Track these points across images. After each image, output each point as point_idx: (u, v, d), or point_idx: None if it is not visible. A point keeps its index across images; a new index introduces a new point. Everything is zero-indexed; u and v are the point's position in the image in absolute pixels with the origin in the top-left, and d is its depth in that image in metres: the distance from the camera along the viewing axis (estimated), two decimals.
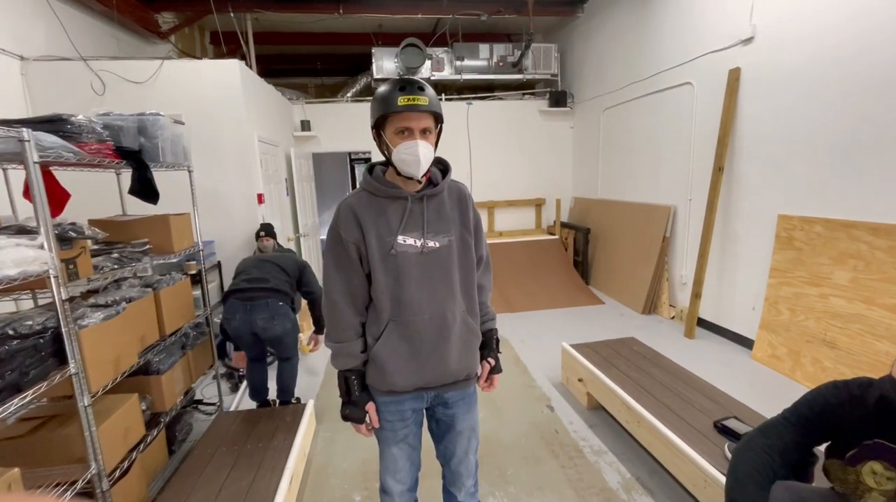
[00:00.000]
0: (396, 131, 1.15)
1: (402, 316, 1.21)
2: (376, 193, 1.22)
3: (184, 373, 2.38)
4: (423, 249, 1.20)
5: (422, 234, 1.21)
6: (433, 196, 1.24)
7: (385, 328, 1.22)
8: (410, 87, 1.12)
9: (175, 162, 2.34)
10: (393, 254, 1.18)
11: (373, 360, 1.24)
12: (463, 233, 1.27)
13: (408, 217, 1.19)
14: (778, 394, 2.82)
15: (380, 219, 1.20)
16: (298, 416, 2.46)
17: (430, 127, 1.16)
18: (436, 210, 1.24)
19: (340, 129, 6.05)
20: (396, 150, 1.15)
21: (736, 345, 3.58)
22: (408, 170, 1.16)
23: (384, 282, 1.20)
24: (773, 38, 3.17)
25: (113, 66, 3.50)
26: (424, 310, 1.21)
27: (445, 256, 1.23)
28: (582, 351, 2.92)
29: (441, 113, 1.19)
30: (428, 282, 1.21)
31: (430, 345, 1.22)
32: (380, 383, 1.25)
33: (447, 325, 1.23)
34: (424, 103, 1.12)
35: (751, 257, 3.45)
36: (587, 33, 5.84)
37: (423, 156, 1.14)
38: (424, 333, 1.21)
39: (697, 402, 2.23)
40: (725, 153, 3.57)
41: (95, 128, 1.77)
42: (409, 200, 1.21)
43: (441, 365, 1.24)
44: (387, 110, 1.13)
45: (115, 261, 1.93)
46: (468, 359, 1.29)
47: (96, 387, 1.63)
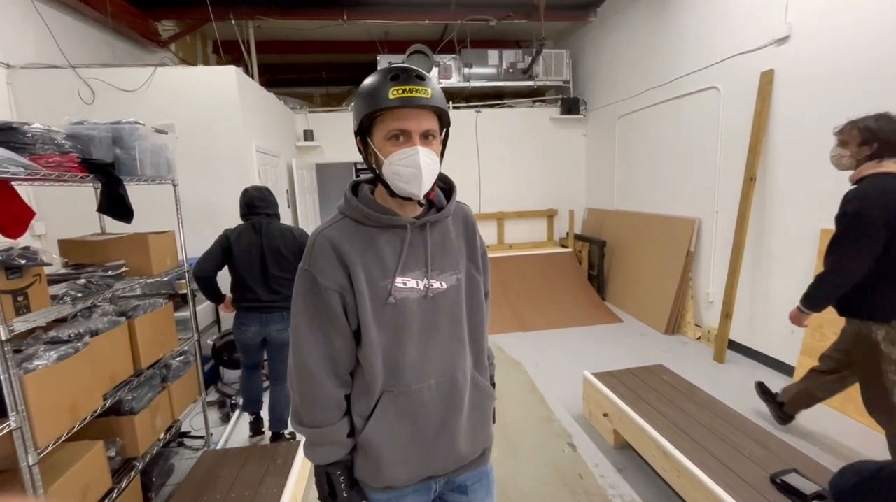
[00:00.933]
0: (388, 135, 0.85)
1: (399, 384, 0.90)
2: (363, 221, 0.90)
3: (164, 409, 2.13)
4: (428, 292, 0.91)
5: (425, 273, 0.91)
6: (437, 223, 0.94)
7: (377, 402, 0.91)
8: (406, 74, 0.82)
9: (156, 175, 2.12)
10: (391, 302, 0.88)
11: (363, 448, 0.92)
12: (471, 269, 0.99)
13: (407, 251, 0.90)
14: (829, 431, 2.51)
15: (369, 255, 0.89)
16: (290, 458, 2.20)
17: (433, 129, 0.86)
18: (440, 241, 0.95)
19: (345, 139, 5.84)
20: (388, 161, 0.85)
21: (772, 371, 3.26)
22: (405, 189, 0.86)
23: (378, 340, 0.89)
24: (812, 35, 2.90)
25: (103, 74, 3.32)
26: (429, 375, 0.91)
27: (454, 300, 0.94)
28: (606, 381, 2.64)
29: (447, 111, 0.89)
30: (434, 335, 0.92)
31: (438, 421, 0.93)
32: (373, 478, 0.93)
33: (458, 390, 0.94)
34: (425, 96, 0.82)
35: (789, 275, 3.15)
36: (600, 38, 5.62)
37: (426, 169, 0.84)
38: (430, 405, 0.92)
39: (746, 448, 1.93)
40: (758, 162, 3.29)
41: (55, 138, 1.55)
42: (407, 230, 0.90)
43: (452, 444, 0.94)
44: (375, 107, 0.82)
45: (80, 289, 1.70)
46: (484, 431, 1.01)
47: (46, 441, 1.38)
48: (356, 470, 0.95)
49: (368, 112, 0.84)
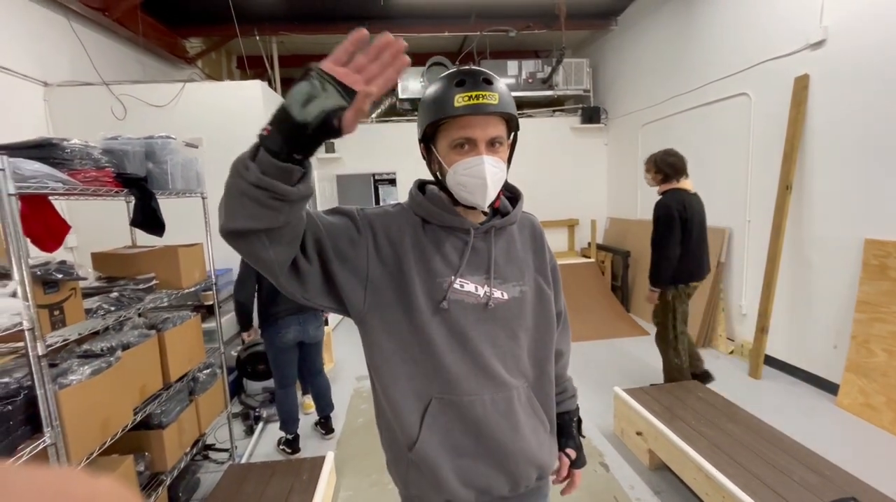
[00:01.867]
0: (453, 144, 0.81)
1: (450, 392, 0.84)
2: (430, 219, 0.86)
3: (191, 422, 2.12)
4: (489, 302, 0.85)
5: (486, 280, 0.86)
6: (502, 229, 0.90)
7: (427, 409, 0.84)
8: (472, 79, 0.77)
9: (186, 188, 2.14)
10: (445, 305, 0.82)
11: (416, 464, 0.86)
12: (539, 282, 0.93)
13: (469, 255, 0.85)
14: (881, 455, 2.36)
15: (434, 253, 0.84)
16: (316, 473, 2.16)
17: (500, 136, 0.82)
18: (505, 249, 0.90)
19: (365, 150, 5.89)
20: (453, 170, 0.81)
21: (813, 389, 3.10)
22: (469, 199, 0.82)
23: (433, 343, 0.82)
24: (849, 39, 2.80)
25: (135, 90, 3.41)
26: (484, 388, 0.85)
27: (516, 313, 0.88)
28: (638, 397, 2.54)
29: (516, 115, 0.84)
30: (490, 348, 0.86)
31: (494, 438, 0.86)
32: (431, 493, 0.87)
33: (513, 410, 0.88)
34: (493, 102, 0.77)
35: (829, 288, 3.01)
36: (621, 46, 5.56)
37: (492, 179, 0.79)
38: (485, 421, 0.85)
39: (796, 473, 1.82)
40: (794, 170, 3.18)
41: (92, 153, 1.57)
42: (471, 233, 0.86)
43: (510, 465, 0.88)
44: (439, 115, 0.79)
45: (113, 302, 1.71)
46: (541, 455, 0.93)
47: (79, 456, 1.38)
48: (410, 485, 0.88)
49: (432, 121, 0.81)
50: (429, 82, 5.68)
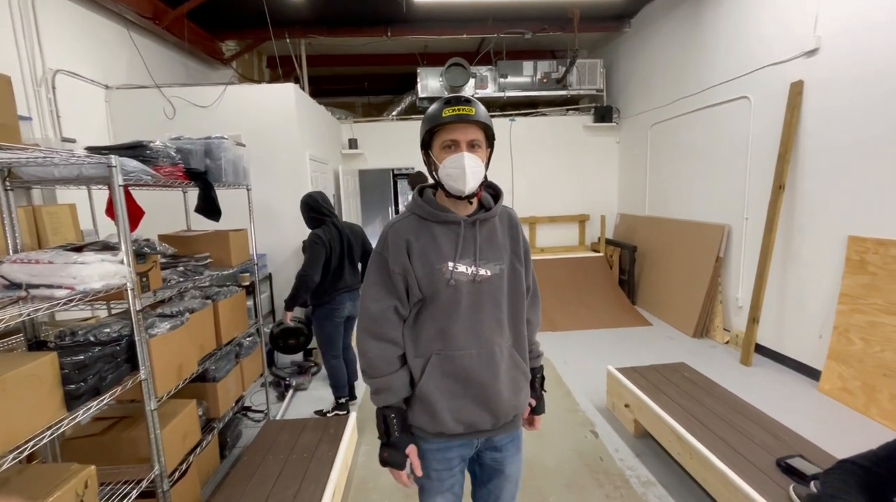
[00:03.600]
0: (443, 145, 1.10)
1: (447, 349, 1.13)
2: (427, 217, 1.15)
3: (236, 381, 2.50)
4: (476, 278, 1.13)
5: (474, 261, 1.13)
6: (485, 221, 1.17)
7: (428, 362, 1.14)
8: (456, 99, 1.09)
9: (235, 181, 2.50)
10: (452, 283, 1.11)
11: (419, 399, 1.15)
12: (514, 262, 1.20)
13: (462, 243, 1.13)
14: (851, 432, 2.59)
15: (431, 245, 1.13)
16: (341, 429, 2.51)
17: (478, 139, 1.10)
18: (488, 236, 1.17)
19: (385, 146, 6.23)
20: (442, 165, 1.10)
21: (799, 375, 3.32)
22: (454, 186, 1.10)
23: (435, 313, 1.12)
24: (840, 49, 2.99)
25: (182, 93, 3.81)
26: (471, 344, 1.13)
27: (497, 286, 1.15)
28: (629, 375, 2.81)
29: (491, 126, 1.13)
30: (477, 313, 1.13)
31: (479, 383, 1.14)
32: (428, 423, 1.15)
33: (495, 362, 1.14)
34: (470, 113, 1.07)
35: (816, 281, 3.22)
36: (634, 48, 5.74)
37: (470, 169, 1.07)
38: (472, 370, 1.13)
39: (757, 437, 2.08)
40: (787, 170, 3.38)
41: (170, 152, 1.93)
42: (461, 225, 1.13)
43: (491, 405, 1.15)
44: (433, 124, 1.10)
45: (180, 274, 2.08)
46: (517, 398, 1.20)
47: (162, 393, 1.74)
48: (414, 417, 1.17)
49: (429, 128, 1.11)
50: (447, 82, 5.99)
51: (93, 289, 1.39)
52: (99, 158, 1.52)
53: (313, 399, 3.32)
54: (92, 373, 1.41)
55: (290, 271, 4.01)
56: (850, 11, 2.91)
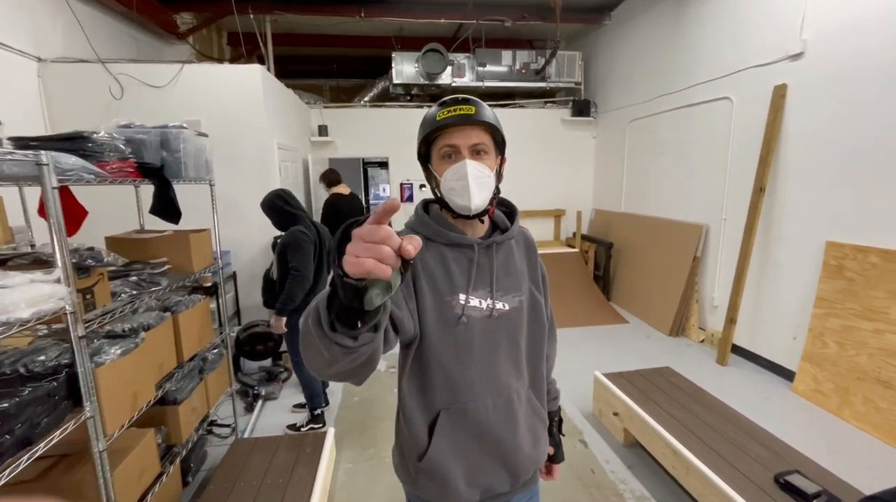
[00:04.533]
0: (441, 154, 0.91)
1: (457, 401, 0.93)
2: (435, 238, 0.94)
3: (201, 399, 2.25)
4: (492, 313, 0.94)
5: (490, 293, 0.94)
6: (501, 244, 0.98)
7: (436, 422, 0.93)
8: (453, 99, 0.90)
9: (197, 176, 2.21)
10: (464, 321, 0.91)
11: (427, 470, 0.95)
12: (533, 291, 1.02)
13: (476, 271, 0.94)
14: (826, 435, 2.65)
15: (440, 271, 0.92)
16: (319, 447, 2.32)
17: (483, 143, 0.90)
18: (504, 262, 0.98)
19: (357, 134, 5.92)
20: (444, 179, 0.90)
21: (773, 376, 3.40)
22: (459, 203, 0.90)
23: (443, 358, 0.92)
24: (825, 54, 2.99)
25: (132, 70, 3.39)
26: (486, 394, 0.94)
27: (516, 321, 0.97)
28: (617, 382, 2.76)
29: (499, 127, 0.93)
30: (492, 355, 0.95)
31: (495, 440, 0.96)
32: (437, 496, 0.96)
33: (513, 411, 0.97)
34: (470, 113, 0.87)
35: (793, 284, 3.27)
36: (613, 42, 5.68)
37: (475, 179, 0.87)
38: (487, 424, 0.94)
39: (752, 450, 2.06)
40: (768, 173, 3.40)
41: (118, 144, 1.64)
42: (475, 249, 0.94)
43: (510, 462, 0.98)
44: (426, 130, 0.91)
45: (133, 286, 1.80)
46: (537, 451, 1.04)
47: (113, 429, 1.50)
48: (419, 489, 0.97)
49: (423, 137, 0.92)
50: (423, 68, 5.73)
51: (19, 320, 1.13)
52: (26, 154, 1.23)
53: (284, 408, 3.09)
54: (21, 422, 1.15)
55: (257, 269, 3.72)
56: (836, 16, 2.91)
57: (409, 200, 6.13)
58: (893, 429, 2.54)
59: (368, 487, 2.29)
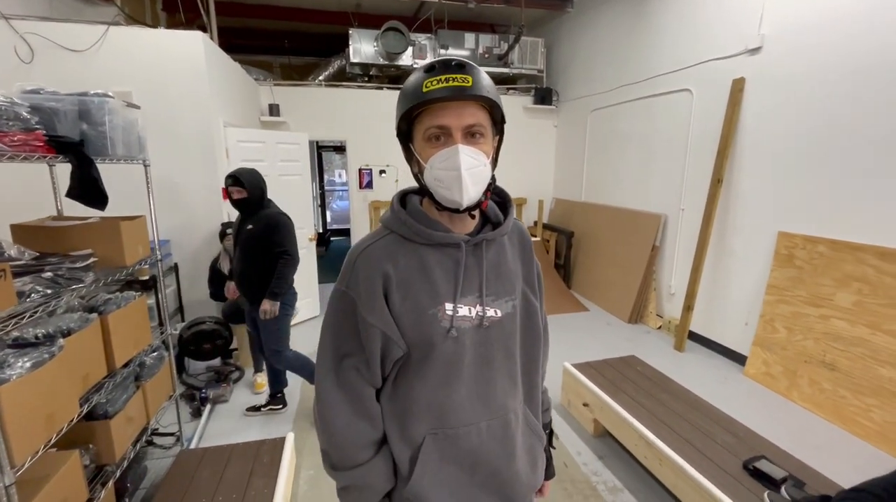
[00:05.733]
0: (427, 135, 0.75)
1: (445, 426, 0.81)
2: (413, 238, 0.80)
3: (138, 410, 1.97)
4: (483, 322, 0.80)
5: (479, 299, 0.80)
6: (492, 241, 0.84)
7: (420, 449, 0.81)
8: (443, 65, 0.72)
9: (128, 155, 1.91)
10: (453, 334, 0.78)
11: (412, 499, 0.82)
12: (527, 293, 0.89)
13: (464, 274, 0.79)
14: (777, 415, 2.78)
15: (420, 279, 0.78)
16: (277, 455, 2.13)
17: (479, 124, 0.74)
18: (495, 262, 0.84)
19: (311, 116, 5.55)
20: (429, 166, 0.75)
21: (727, 360, 3.55)
22: (447, 197, 0.76)
23: (428, 380, 0.79)
24: (783, 49, 3.08)
25: (44, 29, 2.91)
26: (479, 416, 0.82)
27: (509, 330, 0.84)
28: (585, 371, 2.75)
29: (499, 103, 0.77)
30: (485, 371, 0.82)
31: (490, 468, 0.84)
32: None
33: (510, 435, 0.85)
34: (466, 84, 0.70)
35: (746, 272, 3.41)
36: (576, 30, 5.66)
37: (468, 171, 0.73)
38: (481, 450, 0.82)
39: (718, 437, 2.09)
40: (725, 165, 3.50)
41: (20, 111, 1.34)
42: (462, 249, 0.80)
43: (506, 492, 0.86)
44: (408, 104, 0.73)
45: (48, 283, 1.51)
46: (535, 475, 0.92)
47: (23, 457, 1.24)
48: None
49: (404, 111, 0.75)
50: (383, 47, 5.44)
51: None
52: None
53: (236, 413, 2.84)
54: None
55: (202, 261, 3.40)
56: (794, 13, 2.99)
57: (367, 187, 5.88)
58: (836, 409, 2.70)
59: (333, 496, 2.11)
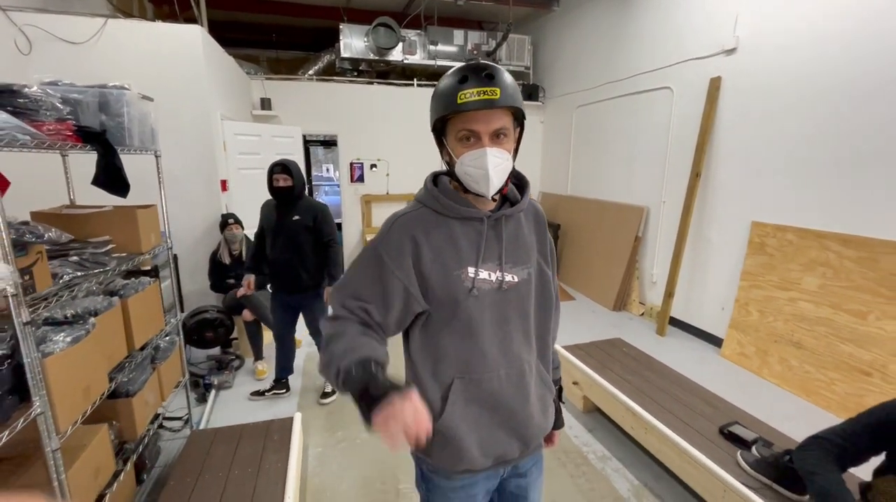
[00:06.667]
0: (459, 136, 0.88)
1: (471, 372, 0.95)
2: (444, 212, 0.94)
3: (154, 391, 2.06)
4: (502, 285, 0.95)
5: (499, 265, 0.95)
6: (510, 217, 0.98)
7: (450, 390, 0.95)
8: (475, 75, 0.84)
9: (142, 145, 1.98)
10: (475, 293, 0.92)
11: (441, 435, 0.94)
12: (541, 264, 1.03)
13: (485, 244, 0.94)
14: (750, 391, 3.00)
15: (448, 245, 0.92)
16: (287, 434, 2.23)
17: (505, 128, 0.88)
18: (514, 235, 0.99)
19: (303, 110, 5.60)
20: (460, 162, 0.89)
21: (705, 343, 3.78)
22: (475, 188, 0.90)
23: (455, 331, 0.93)
24: (756, 50, 3.29)
25: (42, 21, 2.92)
26: (500, 365, 0.96)
27: (525, 293, 0.98)
28: (575, 353, 2.92)
29: (521, 107, 0.89)
30: (504, 327, 0.96)
31: (508, 409, 0.98)
32: (452, 462, 0.97)
33: (525, 382, 0.99)
34: (494, 97, 0.83)
35: (723, 260, 3.63)
36: (562, 28, 5.82)
37: (494, 170, 0.87)
38: (501, 394, 0.97)
39: (697, 407, 2.28)
40: (703, 159, 3.71)
41: (55, 103, 1.42)
42: (484, 222, 0.94)
43: (521, 431, 1.00)
44: (444, 111, 0.87)
45: (76, 267, 1.59)
46: (546, 419, 1.06)
47: (65, 425, 1.33)
48: (433, 455, 0.98)
49: (440, 116, 0.89)
50: (373, 43, 5.51)
51: None
52: None
53: (240, 397, 2.93)
54: None
55: (200, 252, 3.46)
56: (766, 16, 3.20)
57: (359, 181, 5.95)
58: (803, 384, 2.94)
59: (341, 471, 2.25)
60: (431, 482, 1.03)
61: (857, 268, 2.70)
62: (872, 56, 2.63)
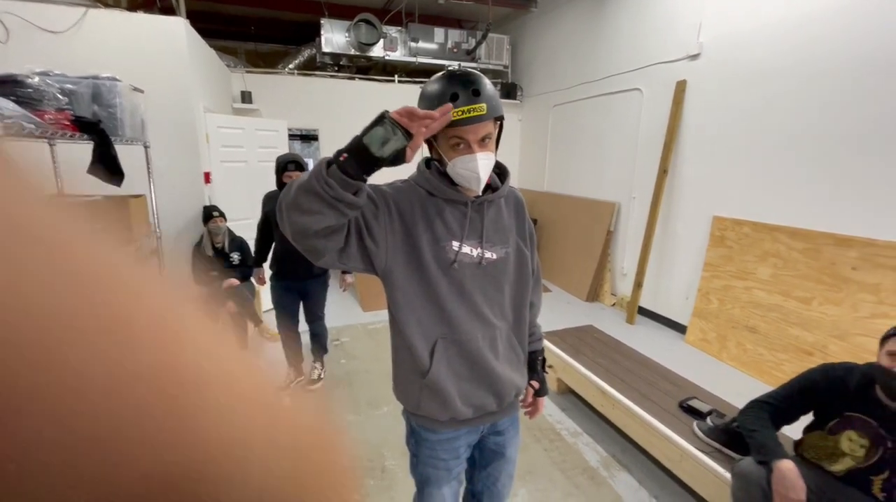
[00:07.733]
0: (450, 143, 1.01)
1: (453, 333, 1.09)
2: (435, 193, 1.07)
3: None
4: (482, 261, 1.09)
5: (480, 243, 1.09)
6: (492, 202, 1.13)
7: (435, 347, 1.09)
8: (464, 91, 0.94)
9: (133, 136, 2.03)
10: (456, 266, 1.06)
11: (429, 387, 1.10)
12: (520, 244, 1.18)
13: (469, 224, 1.08)
14: (710, 373, 3.24)
15: (438, 220, 1.06)
16: None
17: (489, 134, 1.01)
18: (494, 217, 1.13)
19: (284, 104, 5.61)
20: (452, 164, 1.02)
21: (671, 331, 4.03)
22: (464, 186, 1.06)
23: (440, 293, 1.07)
24: (717, 57, 3.53)
25: (18, 8, 2.89)
26: (477, 329, 1.11)
27: (502, 269, 1.13)
28: (550, 338, 3.09)
29: (502, 113, 1.03)
30: (481, 297, 1.11)
31: (483, 366, 1.12)
32: (439, 412, 1.12)
33: (496, 346, 1.15)
34: (482, 113, 0.95)
35: (687, 253, 3.88)
36: (539, 28, 6.00)
37: (484, 171, 1.01)
38: (478, 352, 1.11)
39: (660, 385, 2.49)
40: (670, 157, 3.94)
41: (55, 93, 1.47)
42: (468, 205, 1.09)
43: (495, 386, 1.15)
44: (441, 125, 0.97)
45: None
46: (516, 378, 1.21)
47: None
48: (423, 407, 1.12)
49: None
50: (355, 38, 5.57)
51: None
52: None
53: None
54: None
55: (183, 244, 3.47)
56: (726, 23, 3.44)
57: None
58: (756, 365, 3.20)
59: None
60: (419, 435, 1.18)
61: (803, 258, 2.96)
62: (823, 65, 2.88)
